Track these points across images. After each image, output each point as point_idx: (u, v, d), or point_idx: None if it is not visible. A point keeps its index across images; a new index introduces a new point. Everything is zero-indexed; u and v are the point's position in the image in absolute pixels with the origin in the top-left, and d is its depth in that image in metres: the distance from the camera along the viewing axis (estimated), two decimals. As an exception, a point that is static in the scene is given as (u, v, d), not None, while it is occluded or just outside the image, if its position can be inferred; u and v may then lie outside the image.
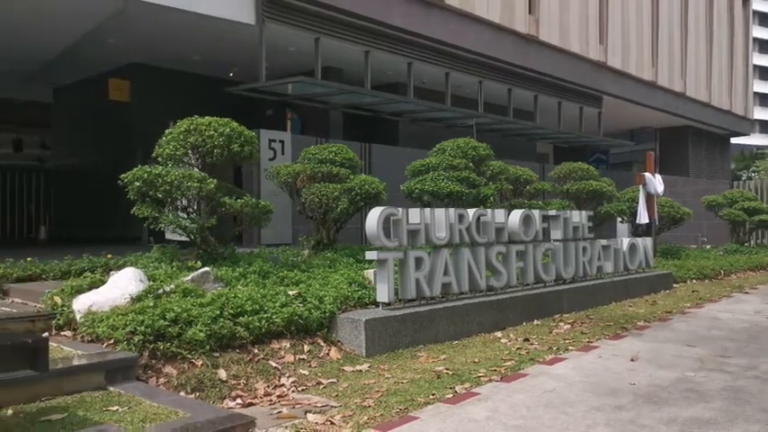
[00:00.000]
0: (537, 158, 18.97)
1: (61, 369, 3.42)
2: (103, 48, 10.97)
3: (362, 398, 3.74)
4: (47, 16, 8.81)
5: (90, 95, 13.16)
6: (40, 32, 9.59)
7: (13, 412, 3.10)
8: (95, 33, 9.79)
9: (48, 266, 5.56)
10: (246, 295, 4.63)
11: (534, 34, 14.90)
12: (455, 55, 13.31)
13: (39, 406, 3.20)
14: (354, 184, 7.07)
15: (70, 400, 3.31)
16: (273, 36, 10.41)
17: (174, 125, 6.01)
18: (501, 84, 14.66)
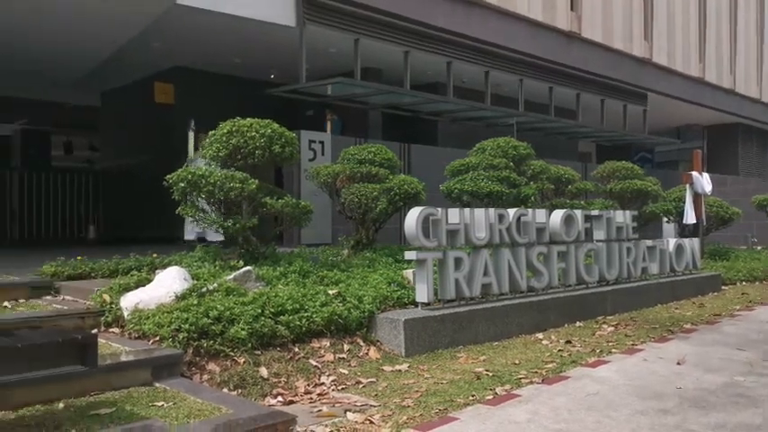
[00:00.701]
0: (579, 157, 18.65)
1: (110, 365, 3.53)
2: (148, 52, 11.24)
3: (402, 398, 3.75)
4: (94, 23, 9.08)
5: (136, 99, 13.51)
6: (88, 39, 9.89)
7: (64, 406, 3.20)
8: (140, 38, 10.05)
9: (97, 265, 5.72)
10: (287, 294, 4.69)
11: (576, 31, 14.65)
12: (495, 54, 13.19)
13: (88, 400, 3.30)
14: (393, 184, 7.08)
15: (118, 395, 3.41)
16: (313, 37, 10.50)
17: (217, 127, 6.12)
18: (542, 82, 14.47)
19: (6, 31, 9.39)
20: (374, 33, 11.10)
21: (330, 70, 11.76)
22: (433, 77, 13.40)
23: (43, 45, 10.29)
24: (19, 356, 2.79)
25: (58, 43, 10.15)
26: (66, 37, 9.79)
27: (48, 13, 8.68)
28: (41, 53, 10.83)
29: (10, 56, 10.94)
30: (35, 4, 8.27)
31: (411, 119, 13.71)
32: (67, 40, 9.93)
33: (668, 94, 17.63)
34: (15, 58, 11.16)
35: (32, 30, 9.42)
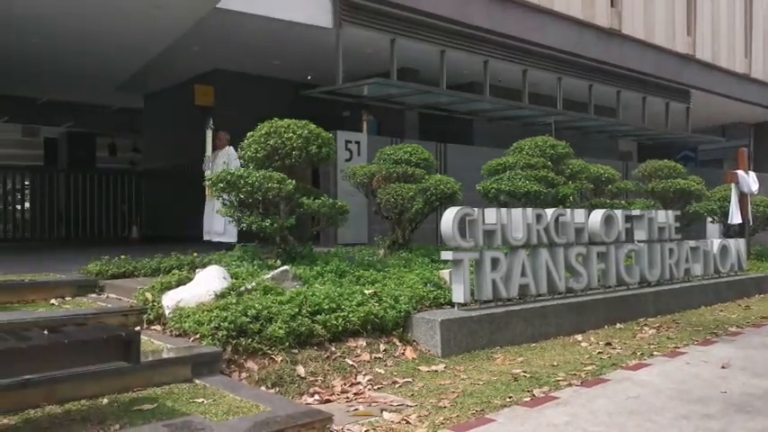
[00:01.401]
0: (619, 156, 18.29)
1: (152, 361, 3.61)
2: (189, 56, 11.46)
3: (438, 398, 3.74)
4: (138, 28, 9.30)
5: (176, 101, 13.79)
6: (132, 44, 10.14)
7: (108, 401, 3.29)
8: (181, 42, 10.25)
9: (139, 264, 5.86)
10: (324, 294, 4.72)
11: (617, 28, 14.38)
12: (533, 52, 13.04)
13: (131, 396, 3.38)
14: (429, 184, 7.06)
15: (160, 391, 3.48)
16: (350, 38, 10.55)
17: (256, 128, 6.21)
18: (581, 80, 14.24)
19: (54, 37, 9.69)
20: (410, 33, 11.10)
21: (366, 71, 11.80)
22: (470, 77, 13.32)
23: (89, 50, 10.58)
24: (66, 352, 2.88)
25: (104, 48, 10.43)
26: (110, 42, 10.05)
27: (94, 20, 8.93)
28: (87, 58, 11.14)
29: (57, 61, 11.29)
30: (83, 11, 8.51)
31: (447, 118, 13.66)
32: (112, 45, 10.20)
33: (712, 91, 17.14)
34: (62, 64, 11.51)
35: (79, 36, 9.70)
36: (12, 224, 13.39)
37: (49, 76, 12.69)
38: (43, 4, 8.21)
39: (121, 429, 2.92)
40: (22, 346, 2.74)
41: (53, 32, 9.49)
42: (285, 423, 3.05)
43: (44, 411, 3.10)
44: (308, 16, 9.98)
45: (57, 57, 10.98)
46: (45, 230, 13.06)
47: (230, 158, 9.07)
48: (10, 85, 12.85)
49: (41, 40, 9.86)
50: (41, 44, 10.04)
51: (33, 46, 10.09)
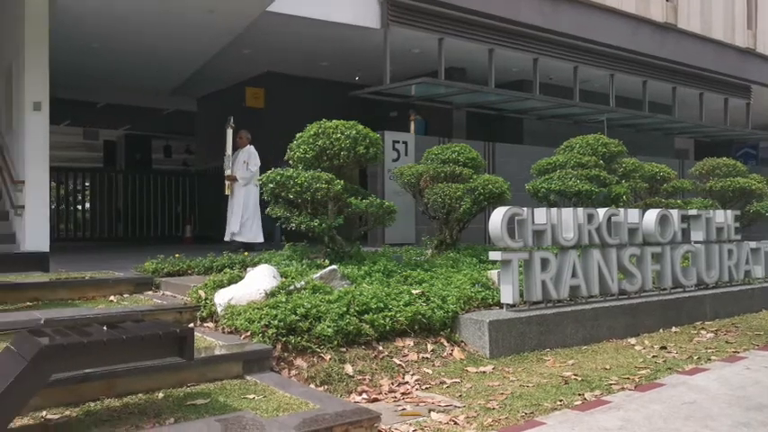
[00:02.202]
0: (675, 154, 17.73)
1: (205, 358, 3.70)
2: (240, 59, 11.70)
3: (486, 399, 3.71)
4: (193, 34, 9.57)
5: (228, 103, 14.07)
6: (185, 49, 10.44)
7: (164, 395, 3.39)
8: (233, 46, 10.47)
9: (193, 263, 6.01)
10: (371, 293, 4.74)
11: (672, 22, 13.96)
12: (584, 48, 12.78)
13: (185, 391, 3.48)
14: (477, 183, 7.01)
15: (212, 386, 3.57)
16: (397, 39, 10.57)
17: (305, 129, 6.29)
18: (635, 76, 13.87)
19: (113, 43, 10.05)
20: (458, 32, 11.04)
21: (414, 71, 11.80)
22: (519, 75, 13.16)
23: (146, 56, 10.94)
24: (124, 348, 2.99)
25: (159, 54, 10.77)
26: (166, 48, 10.37)
27: (151, 26, 9.23)
28: (144, 64, 11.52)
29: (116, 66, 11.70)
30: (141, 18, 8.81)
31: (496, 117, 13.52)
32: (168, 50, 10.52)
33: (775, 86, 16.45)
34: (121, 69, 11.93)
35: (137, 42, 10.03)
36: (73, 223, 13.93)
37: (109, 81, 13.17)
38: (104, 12, 8.53)
39: (176, 423, 3.00)
40: (83, 341, 2.85)
41: (113, 38, 9.84)
42: (334, 421, 3.08)
43: (103, 404, 3.22)
44: (356, 17, 10.05)
45: (116, 62, 11.38)
46: (104, 229, 13.55)
47: (250, 157, 9.14)
48: (72, 90, 13.38)
49: (102, 46, 10.23)
50: (102, 50, 10.43)
51: (94, 51, 10.49)
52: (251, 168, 9.08)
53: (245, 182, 9.07)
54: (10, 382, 2.59)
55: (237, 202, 9.05)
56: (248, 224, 9.04)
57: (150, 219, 13.87)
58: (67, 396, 3.18)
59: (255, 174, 8.97)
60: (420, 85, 10.93)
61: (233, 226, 9.04)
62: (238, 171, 9.11)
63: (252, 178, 9.00)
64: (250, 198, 9.08)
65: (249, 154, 9.17)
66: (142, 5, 8.39)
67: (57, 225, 12.43)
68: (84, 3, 8.17)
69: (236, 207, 9.04)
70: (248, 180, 9.05)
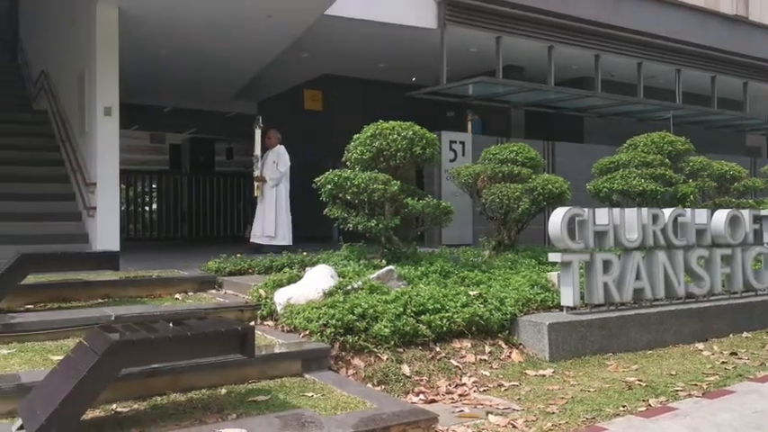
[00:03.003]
0: (747, 152, 16.91)
1: (265, 355, 3.79)
2: (298, 62, 11.90)
3: (546, 403, 3.64)
4: (253, 39, 9.79)
5: (287, 106, 14.34)
6: (246, 54, 10.69)
7: (226, 391, 3.49)
8: (291, 50, 10.65)
9: (254, 262, 6.15)
10: (428, 294, 4.74)
11: (743, 14, 13.35)
12: (648, 43, 12.38)
13: (246, 387, 3.56)
14: (536, 183, 6.90)
15: (272, 383, 3.64)
16: (454, 38, 10.52)
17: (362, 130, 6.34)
18: (703, 71, 13.33)
19: (179, 50, 10.40)
20: (517, 30, 10.89)
21: (471, 70, 11.71)
22: (579, 72, 12.86)
23: (209, 61, 11.26)
24: (188, 344, 3.09)
25: (222, 59, 11.07)
26: (228, 53, 10.65)
27: (214, 33, 9.50)
28: (208, 70, 11.87)
29: (181, 72, 12.11)
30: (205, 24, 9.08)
31: (555, 116, 13.27)
32: (229, 55, 10.80)
33: None
34: (186, 74, 12.33)
35: (201, 48, 10.34)
36: (141, 224, 14.49)
37: (175, 87, 13.64)
38: (171, 22, 8.84)
39: (238, 419, 3.09)
40: (150, 337, 2.97)
41: (179, 46, 10.19)
42: (391, 420, 3.10)
43: (169, 399, 3.34)
44: (413, 18, 10.06)
45: (181, 68, 11.77)
46: (170, 229, 14.02)
47: (280, 157, 8.93)
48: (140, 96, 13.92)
49: (169, 53, 10.61)
50: (169, 57, 10.81)
51: (161, 58, 10.88)
52: (280, 169, 8.89)
53: (274, 183, 8.86)
54: (83, 376, 2.72)
55: (268, 203, 8.83)
56: (282, 227, 8.80)
57: (213, 219, 14.27)
58: (136, 390, 3.32)
59: (285, 174, 8.83)
60: (477, 85, 10.83)
61: (267, 229, 8.78)
62: (267, 172, 8.91)
63: (281, 179, 8.85)
64: (281, 199, 8.87)
65: (278, 154, 8.98)
66: (206, 14, 8.64)
67: (126, 225, 12.94)
68: (153, 14, 8.49)
69: (268, 209, 8.81)
70: (277, 181, 8.87)
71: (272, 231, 8.76)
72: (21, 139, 10.37)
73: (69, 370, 2.86)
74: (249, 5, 8.34)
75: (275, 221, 8.77)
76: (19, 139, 10.34)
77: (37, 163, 9.79)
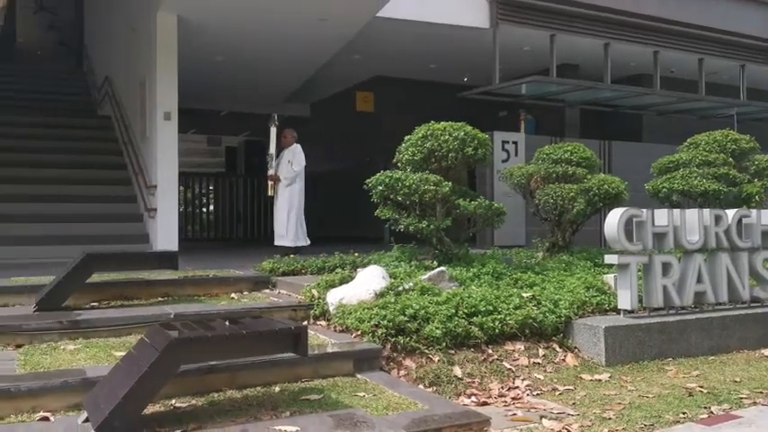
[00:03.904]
0: (818, 150, 16.11)
1: (318, 355, 3.83)
2: (350, 64, 12.00)
3: (602, 408, 3.56)
4: (304, 42, 9.93)
5: (340, 108, 14.49)
6: (299, 57, 10.86)
7: (280, 389, 3.55)
8: (343, 52, 10.75)
9: (306, 263, 6.24)
10: (480, 296, 4.70)
11: (814, 5, 12.70)
12: (711, 38, 11.92)
13: (299, 386, 3.62)
14: (592, 184, 6.76)
15: (325, 383, 3.69)
16: (507, 37, 10.41)
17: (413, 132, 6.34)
18: (769, 66, 12.78)
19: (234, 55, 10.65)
20: (571, 27, 10.69)
21: (524, 69, 11.55)
22: (637, 69, 12.51)
23: (263, 66, 11.49)
24: (244, 342, 3.16)
25: (275, 63, 11.28)
26: (281, 57, 10.84)
27: (267, 38, 9.69)
28: (262, 74, 12.11)
29: (236, 77, 12.39)
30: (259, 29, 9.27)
31: (612, 114, 12.95)
32: (282, 59, 11.00)
33: None
34: (240, 79, 12.62)
35: (255, 53, 10.57)
36: (198, 225, 14.90)
37: (230, 91, 13.97)
38: (227, 28, 9.07)
39: (292, 416, 3.14)
40: (207, 334, 3.05)
41: (235, 51, 10.43)
42: (442, 422, 3.09)
43: (226, 395, 3.42)
44: (465, 18, 10.01)
45: (236, 73, 12.05)
46: (226, 230, 14.36)
47: (295, 156, 8.72)
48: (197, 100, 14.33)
49: (225, 59, 10.88)
50: (224, 62, 11.09)
51: (218, 64, 11.17)
52: (294, 168, 8.65)
53: (288, 182, 8.63)
54: (144, 371, 2.82)
55: (282, 203, 8.64)
56: (294, 227, 8.56)
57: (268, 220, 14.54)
58: (194, 386, 3.41)
59: (299, 173, 8.64)
60: (531, 84, 10.68)
61: (278, 228, 8.64)
62: (282, 171, 8.68)
63: (295, 178, 8.63)
64: (294, 199, 8.64)
65: (294, 153, 8.76)
66: (260, 20, 8.82)
67: (184, 226, 13.33)
68: (210, 21, 8.73)
69: (281, 209, 8.63)
70: (292, 180, 8.63)
71: (282, 231, 8.58)
72: (86, 144, 10.83)
73: (131, 365, 2.98)
74: (303, 10, 8.47)
75: (287, 222, 8.57)
76: (84, 144, 10.80)
77: (101, 166, 10.20)
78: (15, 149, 10.08)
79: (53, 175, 9.59)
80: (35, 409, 3.09)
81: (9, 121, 11.00)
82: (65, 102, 13.31)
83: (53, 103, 12.92)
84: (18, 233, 8.12)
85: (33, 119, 11.30)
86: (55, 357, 3.72)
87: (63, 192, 9.25)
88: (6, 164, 9.60)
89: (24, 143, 10.31)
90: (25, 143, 10.31)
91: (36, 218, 8.54)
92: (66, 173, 9.70)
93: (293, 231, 8.57)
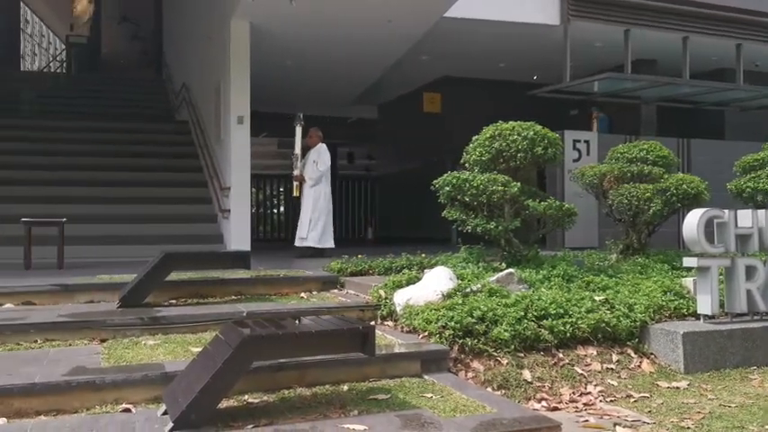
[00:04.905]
0: None
1: (385, 355, 3.85)
2: (417, 65, 12.01)
3: (680, 417, 3.42)
4: (372, 44, 10.02)
5: (407, 109, 14.53)
6: (366, 60, 10.97)
7: (348, 388, 3.59)
8: (410, 53, 10.78)
9: (374, 263, 6.28)
10: (550, 298, 4.61)
11: None
12: (800, 28, 11.25)
13: (367, 386, 3.65)
14: (669, 183, 6.50)
15: (392, 383, 3.70)
16: (578, 34, 10.16)
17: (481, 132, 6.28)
18: None
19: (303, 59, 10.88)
20: (647, 21, 10.32)
21: (595, 66, 11.24)
22: (719, 63, 11.93)
23: (332, 70, 11.68)
24: (313, 341, 3.22)
25: (344, 67, 11.44)
26: (349, 60, 10.99)
27: (336, 42, 9.84)
28: (330, 77, 12.31)
29: (305, 81, 12.65)
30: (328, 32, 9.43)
31: (691, 111, 12.40)
32: (350, 62, 11.14)
33: None
34: (310, 83, 12.87)
35: (324, 57, 10.76)
36: (269, 225, 15.28)
37: (300, 94, 14.26)
38: (297, 33, 9.27)
39: (359, 415, 3.17)
40: (278, 332, 3.13)
41: (304, 56, 10.65)
42: (511, 426, 3.04)
43: (296, 392, 3.50)
44: (534, 15, 9.84)
45: (305, 77, 12.30)
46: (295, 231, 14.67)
47: (320, 156, 8.58)
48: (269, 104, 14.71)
49: (294, 63, 11.12)
50: (294, 66, 11.33)
51: (288, 68, 11.43)
52: (320, 168, 8.51)
53: (313, 182, 8.49)
54: (219, 367, 2.92)
55: (306, 204, 8.49)
56: (317, 227, 8.39)
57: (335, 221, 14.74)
58: (266, 383, 3.50)
59: (324, 174, 8.52)
60: (604, 81, 10.39)
61: (301, 230, 8.46)
62: (308, 171, 8.56)
63: (320, 178, 8.50)
64: (319, 199, 8.48)
65: (319, 153, 8.62)
66: (329, 24, 8.97)
67: (256, 227, 13.71)
68: (280, 27, 8.95)
69: (304, 210, 8.49)
70: (317, 180, 8.49)
71: (304, 233, 8.42)
72: (164, 148, 11.33)
73: (207, 361, 3.09)
74: (370, 12, 8.55)
75: (309, 223, 8.39)
76: (162, 148, 11.30)
77: (178, 169, 10.64)
78: (99, 154, 10.67)
79: (133, 177, 10.09)
80: (118, 400, 3.25)
81: (94, 127, 11.65)
82: (145, 108, 13.98)
83: (134, 110, 13.60)
84: (101, 233, 8.57)
85: (116, 124, 11.93)
86: (136, 352, 3.90)
87: (143, 194, 9.71)
88: (90, 167, 10.17)
89: (108, 148, 10.89)
90: (108, 148, 10.89)
91: (118, 219, 9.00)
92: (146, 175, 10.18)
93: (318, 232, 8.40)
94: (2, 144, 10.52)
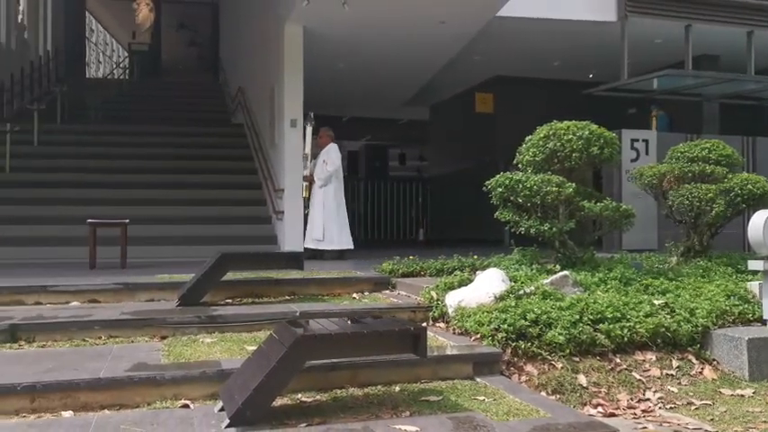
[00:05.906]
0: None
1: (437, 356, 3.84)
2: (470, 66, 11.93)
3: (744, 426, 3.28)
4: (424, 46, 10.01)
5: (458, 110, 14.45)
6: (418, 62, 10.97)
7: (400, 389, 3.60)
8: (463, 54, 10.72)
9: (425, 265, 6.27)
10: (607, 302, 4.50)
11: None
12: None
13: (419, 387, 3.65)
14: (733, 183, 6.25)
15: (444, 385, 3.69)
16: (636, 30, 9.89)
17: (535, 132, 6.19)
18: None
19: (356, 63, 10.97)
20: (709, 16, 9.96)
21: (654, 63, 10.91)
22: (787, 57, 11.40)
23: (384, 72, 11.74)
24: (365, 341, 3.25)
25: (396, 69, 11.48)
26: (401, 62, 11.01)
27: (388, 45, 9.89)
28: (382, 79, 12.38)
29: (357, 83, 12.76)
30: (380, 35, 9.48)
31: (757, 108, 11.91)
32: (402, 64, 11.16)
33: None
34: (361, 85, 12.97)
35: (376, 60, 10.83)
36: (321, 227, 15.44)
37: (352, 97, 14.39)
38: (349, 37, 9.37)
39: (411, 416, 3.17)
40: (331, 333, 3.16)
41: (356, 59, 10.74)
42: (566, 431, 2.98)
43: (348, 392, 3.53)
44: (590, 12, 9.65)
45: (358, 79, 12.40)
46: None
47: (330, 155, 8.44)
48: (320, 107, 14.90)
49: (346, 66, 11.23)
50: (346, 69, 11.44)
51: (340, 71, 11.55)
52: (328, 168, 8.36)
53: (322, 183, 8.35)
54: (273, 366, 2.98)
55: (316, 205, 8.34)
56: (332, 229, 8.26)
57: (387, 222, 14.81)
58: (319, 382, 3.55)
59: (334, 174, 8.37)
60: (663, 78, 10.10)
61: (315, 232, 8.26)
62: (317, 171, 8.44)
63: (330, 179, 8.34)
64: (329, 200, 8.33)
65: (328, 153, 8.48)
66: (381, 27, 9.01)
67: (308, 228, 13.87)
68: (333, 30, 9.05)
69: (315, 211, 8.32)
70: (325, 181, 8.34)
71: (319, 235, 8.24)
72: (220, 151, 11.62)
73: (262, 359, 3.15)
74: (422, 14, 8.54)
75: (323, 224, 8.25)
76: (219, 151, 11.59)
77: (234, 172, 10.90)
78: (159, 157, 11.03)
79: (191, 180, 10.38)
80: (177, 396, 3.36)
81: (154, 131, 12.06)
82: (202, 111, 14.38)
83: (192, 114, 14.01)
84: (161, 234, 8.86)
85: (175, 128, 12.30)
86: (194, 349, 4.02)
87: (200, 196, 9.99)
88: (151, 171, 10.52)
89: (167, 151, 11.26)
90: (168, 151, 11.26)
91: (177, 220, 9.28)
92: (203, 178, 10.46)
93: (333, 234, 8.28)
94: (70, 149, 11.03)
